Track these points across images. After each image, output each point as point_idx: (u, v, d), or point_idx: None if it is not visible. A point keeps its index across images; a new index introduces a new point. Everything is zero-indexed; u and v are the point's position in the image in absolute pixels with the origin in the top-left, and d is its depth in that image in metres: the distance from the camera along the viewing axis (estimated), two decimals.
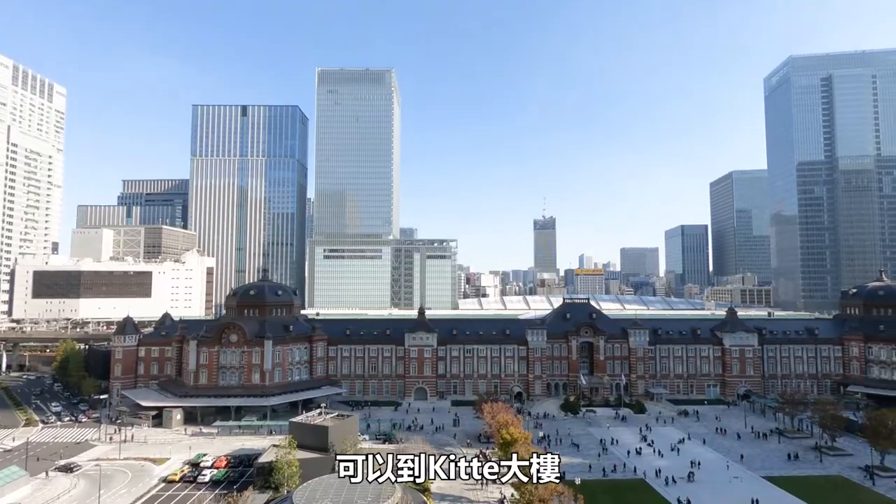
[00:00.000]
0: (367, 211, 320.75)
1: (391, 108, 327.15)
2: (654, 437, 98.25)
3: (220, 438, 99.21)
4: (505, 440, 68.93)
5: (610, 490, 73.38)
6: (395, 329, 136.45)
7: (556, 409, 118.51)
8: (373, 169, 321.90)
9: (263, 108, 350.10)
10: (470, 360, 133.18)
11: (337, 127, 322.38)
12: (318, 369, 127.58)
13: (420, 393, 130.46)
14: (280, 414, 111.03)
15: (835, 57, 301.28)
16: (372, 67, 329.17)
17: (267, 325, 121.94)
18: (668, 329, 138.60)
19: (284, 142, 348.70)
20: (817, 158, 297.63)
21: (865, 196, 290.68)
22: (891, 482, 76.21)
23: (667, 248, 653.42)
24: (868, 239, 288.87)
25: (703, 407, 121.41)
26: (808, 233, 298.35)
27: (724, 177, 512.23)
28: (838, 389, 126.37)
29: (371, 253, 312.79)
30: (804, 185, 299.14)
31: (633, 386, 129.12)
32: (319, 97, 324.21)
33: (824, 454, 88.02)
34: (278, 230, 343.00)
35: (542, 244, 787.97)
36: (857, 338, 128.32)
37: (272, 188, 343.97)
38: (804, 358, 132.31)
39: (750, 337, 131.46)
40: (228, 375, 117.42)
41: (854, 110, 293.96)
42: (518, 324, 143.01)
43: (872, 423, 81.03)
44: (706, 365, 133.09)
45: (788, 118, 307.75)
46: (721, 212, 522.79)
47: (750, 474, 79.55)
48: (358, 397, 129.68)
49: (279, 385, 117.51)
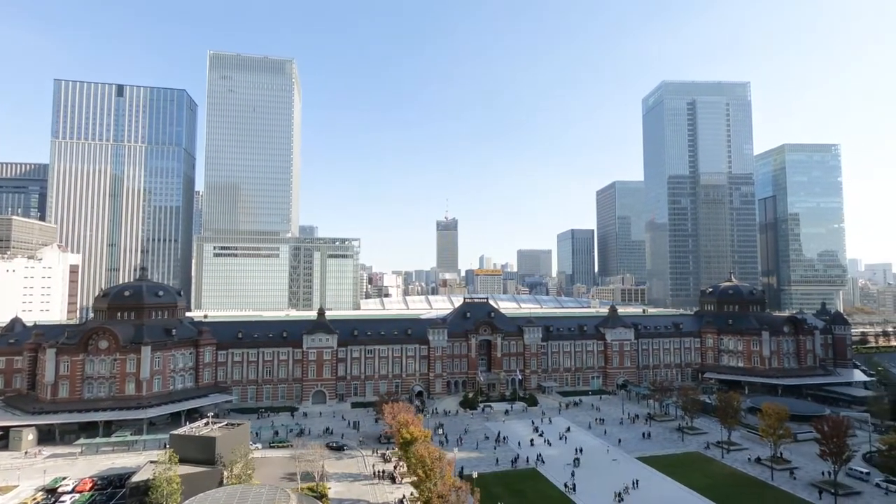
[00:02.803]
0: (263, 206, 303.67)
1: (291, 99, 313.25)
2: (545, 427, 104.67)
3: (83, 459, 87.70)
4: (405, 440, 69.09)
5: (504, 481, 76.77)
6: (293, 331, 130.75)
7: (456, 406, 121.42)
8: (270, 162, 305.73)
9: (144, 89, 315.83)
10: (371, 360, 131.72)
11: (231, 116, 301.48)
12: (205, 376, 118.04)
13: (319, 396, 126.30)
14: (160, 427, 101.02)
15: (698, 85, 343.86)
16: (271, 56, 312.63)
17: (145, 329, 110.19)
18: (558, 326, 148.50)
19: (169, 128, 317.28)
20: (684, 173, 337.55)
21: (719, 208, 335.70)
22: (735, 454, 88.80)
23: (559, 251, 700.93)
24: (721, 245, 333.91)
25: (587, 397, 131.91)
26: (675, 239, 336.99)
27: (609, 186, 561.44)
28: (697, 376, 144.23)
29: (267, 251, 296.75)
30: (673, 197, 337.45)
31: (527, 380, 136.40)
32: (211, 82, 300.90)
33: (685, 434, 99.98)
34: (161, 225, 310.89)
35: (445, 245, 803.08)
36: (711, 331, 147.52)
37: (154, 178, 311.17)
38: (671, 349, 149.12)
39: (628, 332, 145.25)
40: (96, 387, 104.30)
41: (711, 132, 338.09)
42: (420, 323, 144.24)
43: (722, 405, 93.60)
44: (591, 358, 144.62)
45: (661, 136, 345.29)
46: (605, 218, 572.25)
47: (626, 456, 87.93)
48: (251, 404, 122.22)
49: (159, 395, 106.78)
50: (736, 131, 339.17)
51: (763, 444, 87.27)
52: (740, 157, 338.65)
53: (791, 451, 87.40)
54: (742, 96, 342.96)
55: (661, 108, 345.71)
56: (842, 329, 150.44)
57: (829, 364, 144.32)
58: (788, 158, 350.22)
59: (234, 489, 57.37)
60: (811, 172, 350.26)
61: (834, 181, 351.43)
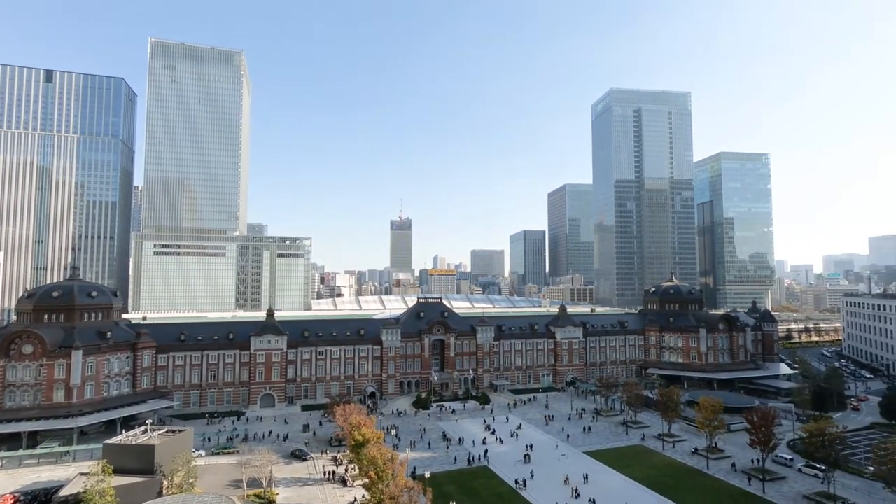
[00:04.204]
0: (209, 203, 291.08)
1: (240, 93, 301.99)
2: (497, 425, 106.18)
3: (4, 473, 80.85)
4: (357, 441, 68.24)
5: (457, 479, 77.30)
6: (240, 332, 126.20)
7: (409, 406, 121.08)
8: (216, 157, 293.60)
9: (77, 75, 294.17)
10: (323, 362, 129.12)
11: (174, 107, 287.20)
12: (143, 381, 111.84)
13: (267, 400, 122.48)
14: (92, 437, 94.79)
15: (643, 93, 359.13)
16: (219, 47, 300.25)
17: (76, 332, 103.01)
18: (510, 325, 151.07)
19: (105, 118, 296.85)
20: (630, 178, 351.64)
21: (662, 211, 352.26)
22: (674, 445, 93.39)
23: (511, 251, 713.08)
24: (664, 247, 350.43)
25: (538, 394, 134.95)
26: (621, 240, 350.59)
27: (560, 188, 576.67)
28: (641, 372, 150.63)
29: (213, 250, 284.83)
30: (620, 200, 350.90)
31: (479, 379, 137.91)
32: (152, 72, 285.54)
33: (629, 427, 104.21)
34: (95, 221, 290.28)
35: (399, 245, 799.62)
36: (654, 329, 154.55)
37: (87, 171, 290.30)
38: (617, 347, 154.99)
39: (577, 330, 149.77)
40: (19, 395, 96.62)
41: (655, 139, 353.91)
42: (373, 324, 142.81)
43: (663, 399, 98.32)
44: (541, 356, 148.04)
45: (609, 141, 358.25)
46: (556, 219, 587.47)
47: (574, 451, 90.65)
48: (194, 409, 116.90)
49: (91, 402, 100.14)
50: (678, 139, 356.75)
51: (700, 435, 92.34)
52: (681, 164, 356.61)
53: (725, 441, 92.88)
54: (683, 105, 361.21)
55: (609, 115, 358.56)
56: (770, 326, 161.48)
57: (759, 358, 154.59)
58: (724, 166, 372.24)
59: (173, 499, 54.79)
60: (744, 179, 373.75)
61: (764, 188, 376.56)
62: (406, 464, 64.54)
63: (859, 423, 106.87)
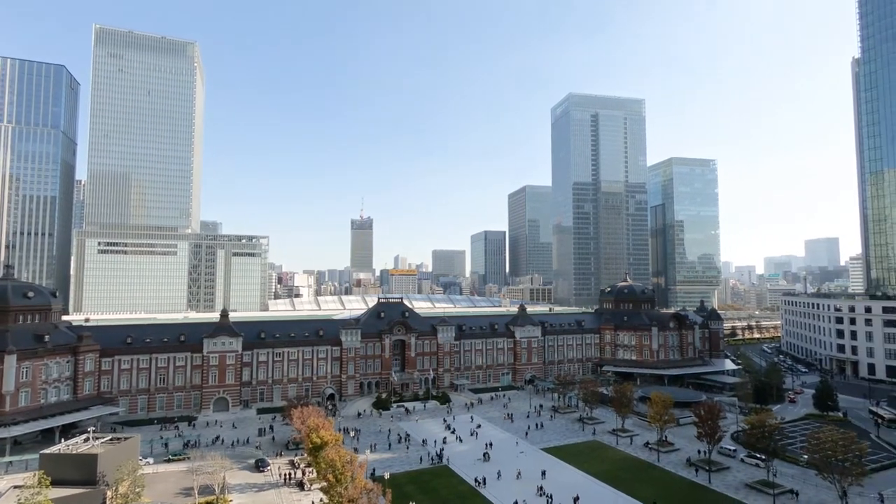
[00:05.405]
0: (159, 199, 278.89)
1: (193, 85, 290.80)
2: (457, 425, 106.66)
3: None
4: (315, 444, 66.94)
5: (417, 479, 77.15)
6: (192, 334, 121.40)
7: (369, 408, 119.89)
8: (167, 152, 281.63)
9: (12, 61, 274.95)
10: (280, 364, 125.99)
11: (120, 98, 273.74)
12: (86, 386, 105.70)
13: (221, 404, 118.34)
14: (28, 447, 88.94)
15: (600, 99, 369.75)
16: (170, 37, 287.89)
17: (10, 335, 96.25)
18: (471, 325, 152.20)
19: (44, 108, 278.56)
20: (587, 180, 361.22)
21: (618, 214, 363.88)
22: (628, 440, 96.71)
23: (472, 252, 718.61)
24: (619, 248, 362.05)
25: (498, 393, 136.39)
26: (579, 241, 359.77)
27: (520, 190, 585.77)
28: (597, 370, 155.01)
29: (163, 248, 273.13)
30: (577, 202, 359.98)
31: (440, 379, 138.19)
32: (97, 60, 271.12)
33: (585, 423, 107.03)
34: (31, 216, 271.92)
35: (360, 244, 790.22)
36: (609, 327, 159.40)
37: (24, 164, 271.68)
38: (574, 345, 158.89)
39: (535, 329, 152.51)
40: None
41: (611, 144, 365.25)
42: (332, 324, 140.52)
43: (617, 395, 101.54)
44: (501, 355, 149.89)
45: (567, 144, 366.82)
46: (517, 220, 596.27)
47: (533, 448, 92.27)
48: (141, 415, 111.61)
49: (27, 410, 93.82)
50: (632, 144, 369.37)
51: (651, 429, 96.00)
52: (636, 168, 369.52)
53: (675, 435, 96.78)
54: (638, 111, 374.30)
55: (567, 119, 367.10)
56: (716, 324, 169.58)
57: (706, 355, 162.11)
58: (675, 171, 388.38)
59: None
60: (693, 184, 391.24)
61: (711, 192, 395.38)
62: (365, 466, 63.83)
63: (795, 415, 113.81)
